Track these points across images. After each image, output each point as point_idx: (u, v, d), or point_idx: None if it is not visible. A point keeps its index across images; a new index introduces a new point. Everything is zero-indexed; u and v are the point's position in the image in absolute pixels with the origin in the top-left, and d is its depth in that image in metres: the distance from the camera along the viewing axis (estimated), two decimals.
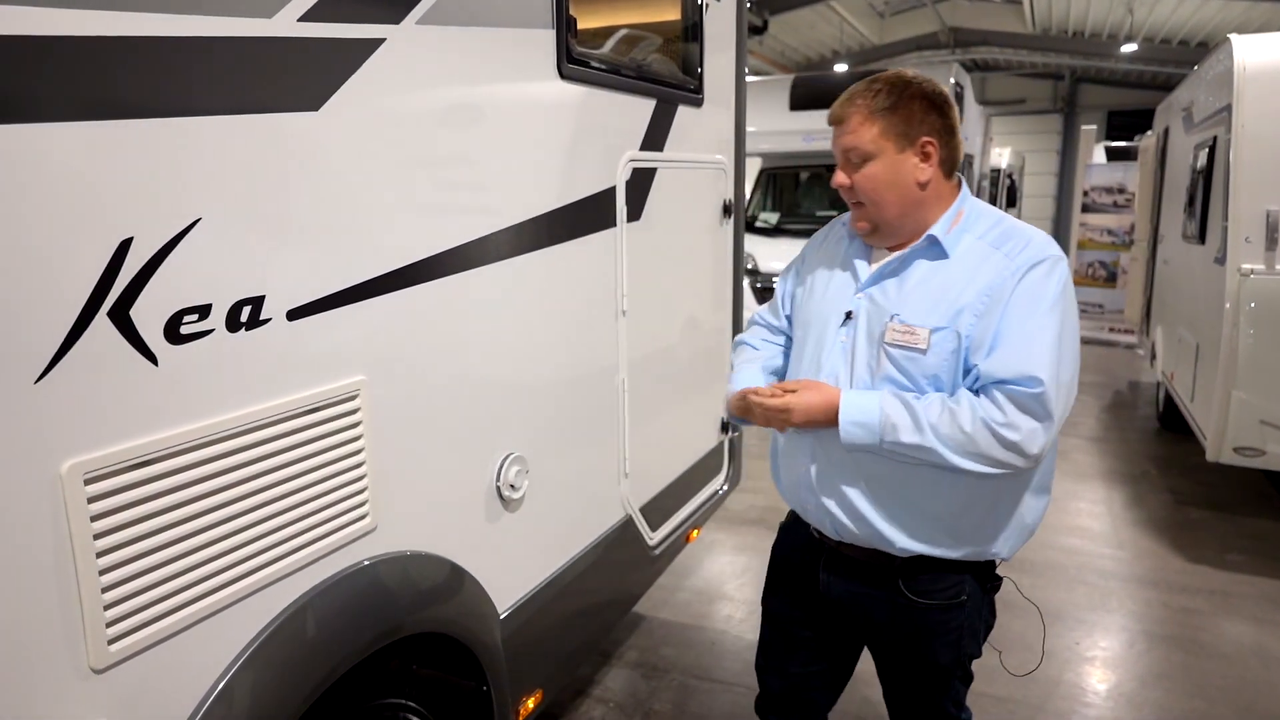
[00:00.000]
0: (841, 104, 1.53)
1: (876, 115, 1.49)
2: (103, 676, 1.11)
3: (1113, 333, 9.61)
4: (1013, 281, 1.43)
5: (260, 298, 1.27)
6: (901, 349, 1.48)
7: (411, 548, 1.66)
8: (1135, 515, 4.66)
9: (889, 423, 1.44)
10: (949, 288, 1.47)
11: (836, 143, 1.54)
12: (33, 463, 1.00)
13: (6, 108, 0.95)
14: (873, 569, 1.61)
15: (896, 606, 1.60)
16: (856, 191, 1.52)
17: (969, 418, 1.40)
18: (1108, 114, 18.41)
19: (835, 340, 1.57)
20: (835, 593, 1.68)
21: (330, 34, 1.35)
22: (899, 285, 1.53)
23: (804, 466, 1.61)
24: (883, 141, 1.49)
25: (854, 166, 1.52)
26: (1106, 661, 3.24)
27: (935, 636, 1.61)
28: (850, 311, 1.57)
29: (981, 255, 1.48)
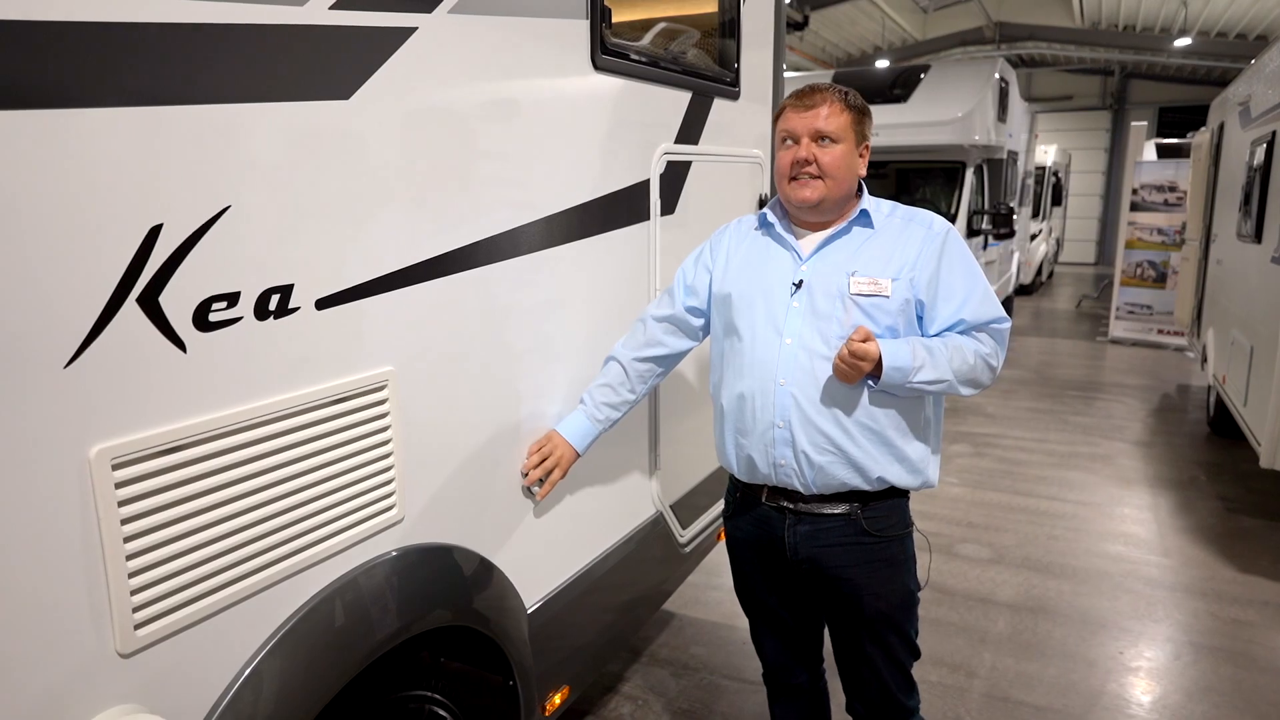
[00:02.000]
0: (816, 92, 1.77)
1: (848, 110, 1.77)
2: (129, 661, 1.12)
3: (1161, 335, 9.36)
4: (939, 244, 1.77)
5: (289, 286, 1.27)
6: (868, 297, 1.73)
7: (438, 540, 1.66)
8: (1183, 522, 4.52)
9: (917, 364, 1.68)
10: (887, 249, 1.77)
11: (807, 122, 1.74)
12: (62, 447, 1.01)
13: (41, 93, 0.95)
14: (837, 518, 1.81)
15: (862, 547, 1.82)
16: (820, 166, 1.73)
17: (970, 353, 1.75)
18: (1159, 110, 17.90)
19: (788, 307, 1.77)
20: (803, 552, 1.84)
21: (362, 22, 1.35)
22: (843, 250, 1.78)
23: (775, 426, 1.77)
24: (847, 132, 1.76)
25: (821, 146, 1.74)
26: (1151, 672, 3.14)
27: (894, 567, 1.84)
28: (800, 281, 1.77)
29: (900, 228, 1.80)
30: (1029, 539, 4.31)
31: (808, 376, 1.74)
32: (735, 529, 2.00)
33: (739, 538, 1.99)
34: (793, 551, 1.85)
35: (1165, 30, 14.28)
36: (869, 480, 1.78)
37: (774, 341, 1.77)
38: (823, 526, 1.82)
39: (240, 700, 1.26)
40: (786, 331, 1.76)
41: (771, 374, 1.76)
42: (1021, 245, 11.49)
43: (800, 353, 1.74)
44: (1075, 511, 4.68)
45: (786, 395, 1.75)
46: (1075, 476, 5.23)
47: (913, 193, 8.45)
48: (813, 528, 1.82)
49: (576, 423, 1.95)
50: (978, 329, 1.78)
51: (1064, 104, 18.70)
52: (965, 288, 1.77)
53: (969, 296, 1.77)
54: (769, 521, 1.88)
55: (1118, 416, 6.52)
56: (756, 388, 1.79)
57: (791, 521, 1.84)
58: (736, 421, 1.84)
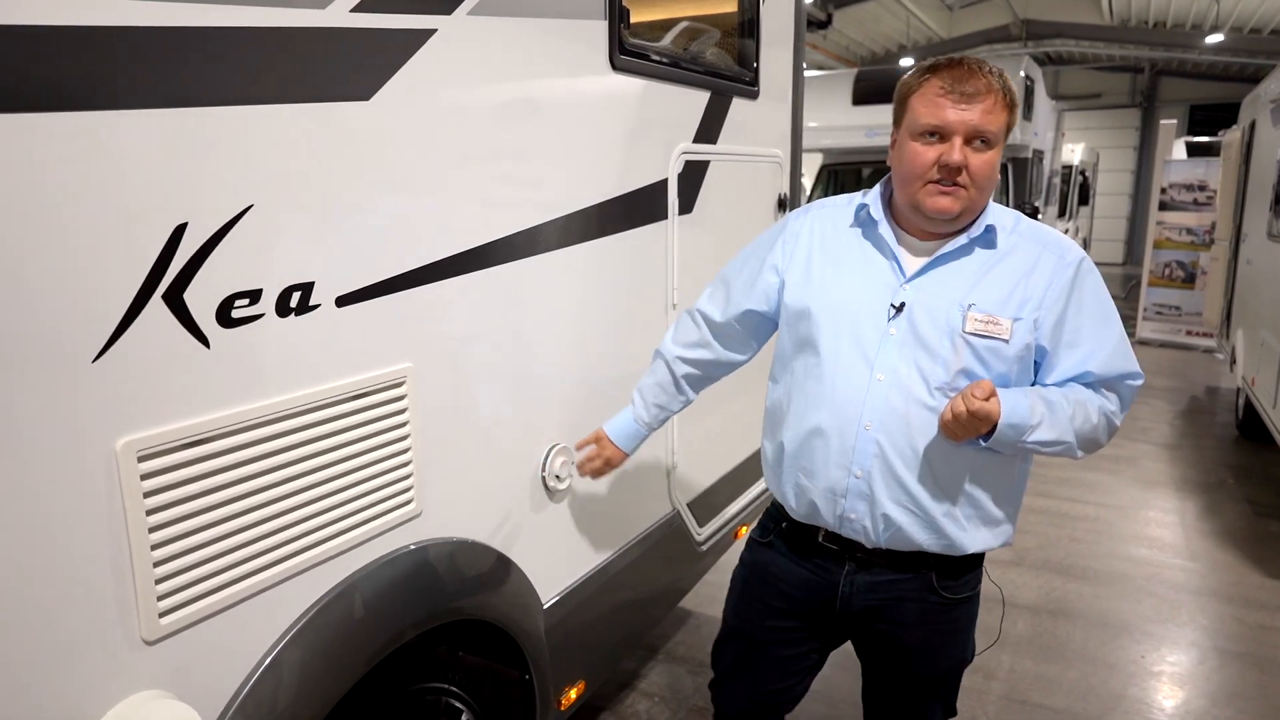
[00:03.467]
0: (977, 76, 1.40)
1: (1008, 106, 1.43)
2: (154, 648, 1.15)
3: (1190, 336, 9.21)
4: (1069, 278, 1.47)
5: (310, 284, 1.30)
6: (985, 339, 1.44)
7: (456, 535, 1.68)
8: (1210, 526, 4.46)
9: (1035, 422, 1.42)
10: (1011, 279, 1.47)
11: (966, 118, 1.39)
12: (89, 439, 1.04)
13: (71, 96, 0.98)
14: (906, 573, 1.56)
15: (928, 606, 1.58)
16: (969, 174, 1.41)
17: (1095, 410, 1.48)
18: (1189, 108, 17.60)
19: (883, 333, 1.48)
20: (857, 604, 1.60)
21: (382, 24, 1.37)
22: (959, 274, 1.48)
23: (852, 475, 1.50)
24: (1002, 134, 1.44)
25: (974, 148, 1.41)
26: (1174, 677, 3.10)
27: (959, 631, 1.63)
28: (902, 304, 1.47)
29: (1027, 253, 1.49)
30: (1050, 541, 4.27)
31: (899, 422, 1.45)
32: (772, 561, 1.70)
33: (773, 571, 1.69)
34: (845, 602, 1.60)
35: (1196, 26, 14.04)
36: (952, 548, 1.52)
37: (862, 374, 1.48)
38: (886, 579, 1.57)
39: (261, 689, 1.29)
40: (879, 365, 1.47)
41: (855, 413, 1.48)
42: None
43: (893, 393, 1.45)
44: (1098, 514, 4.63)
45: (870, 441, 1.47)
46: (1098, 478, 5.17)
47: None
48: (875, 579, 1.57)
49: (624, 425, 1.81)
50: (1106, 384, 1.51)
51: (1092, 102, 18.45)
52: (1096, 335, 1.48)
53: (1100, 345, 1.48)
54: (823, 565, 1.61)
55: (1143, 418, 6.43)
56: (833, 426, 1.50)
57: (852, 569, 1.59)
58: (802, 460, 1.56)
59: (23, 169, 0.94)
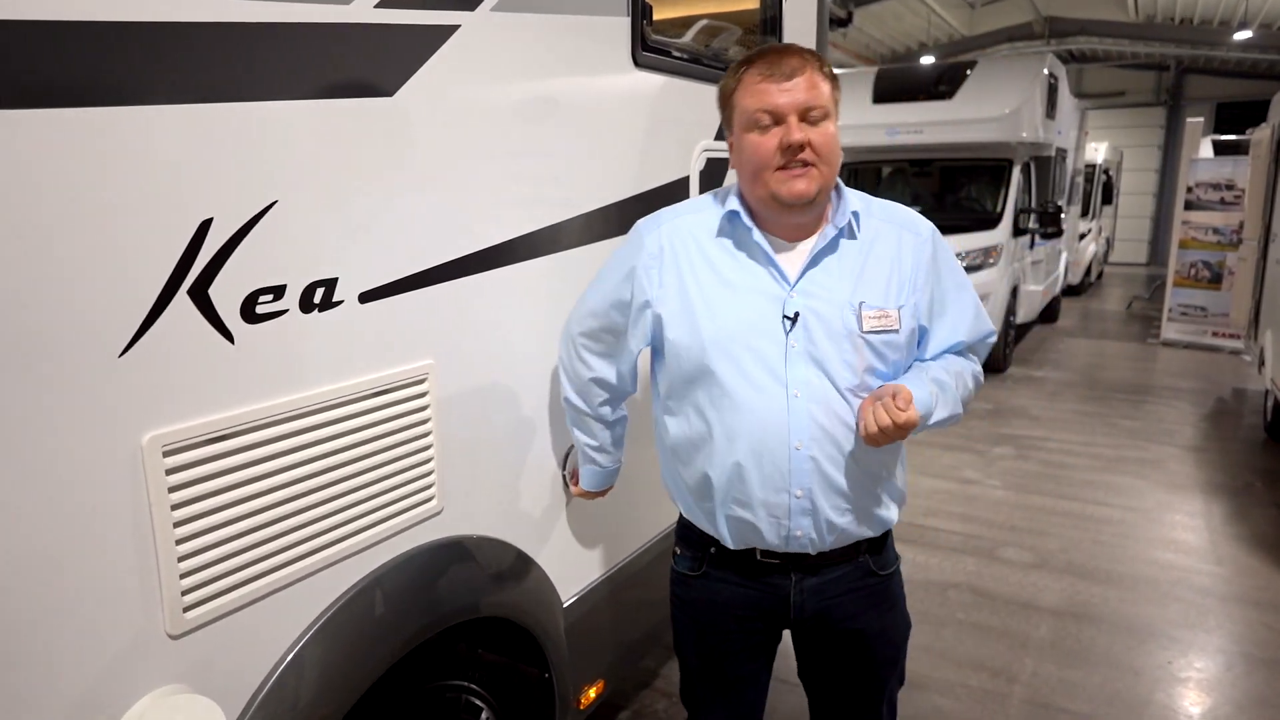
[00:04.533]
0: (790, 55, 1.41)
1: (828, 77, 1.43)
2: (178, 642, 1.15)
3: (1216, 337, 9.07)
4: (929, 251, 1.52)
5: (333, 280, 1.30)
6: (880, 334, 1.44)
7: (477, 532, 1.68)
8: (1237, 530, 4.39)
9: (934, 406, 1.46)
10: (885, 266, 1.48)
11: (792, 96, 1.38)
12: (115, 434, 1.05)
13: (97, 91, 0.98)
14: (847, 565, 1.58)
15: (868, 589, 1.61)
16: (814, 150, 1.39)
17: (970, 377, 1.57)
18: (1216, 106, 17.33)
19: (785, 347, 1.42)
20: (809, 609, 1.58)
21: (405, 20, 1.37)
22: (838, 270, 1.46)
23: (792, 496, 1.46)
24: (832, 104, 1.43)
25: (811, 124, 1.40)
26: (1201, 684, 3.05)
27: (898, 602, 1.67)
28: (796, 314, 1.42)
29: (888, 232, 1.51)
30: (1073, 544, 4.22)
31: (826, 436, 1.43)
32: (710, 593, 1.62)
33: (718, 602, 1.62)
34: (798, 610, 1.58)
35: (1224, 23, 13.83)
36: (880, 528, 1.57)
37: (778, 395, 1.42)
38: (831, 577, 1.57)
39: (283, 685, 1.29)
40: (791, 381, 1.42)
41: (781, 436, 1.42)
42: (1070, 245, 11.24)
43: (814, 408, 1.42)
44: (1122, 517, 4.57)
45: (805, 459, 1.43)
46: (1123, 481, 5.11)
47: (957, 191, 8.32)
48: (821, 580, 1.57)
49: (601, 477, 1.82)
50: (970, 348, 1.59)
51: (1116, 100, 18.22)
52: (959, 302, 1.55)
53: (963, 312, 1.55)
54: (768, 583, 1.57)
55: (1169, 420, 6.34)
56: (763, 453, 1.43)
57: (799, 578, 1.56)
58: (733, 493, 1.49)
59: (50, 164, 0.95)
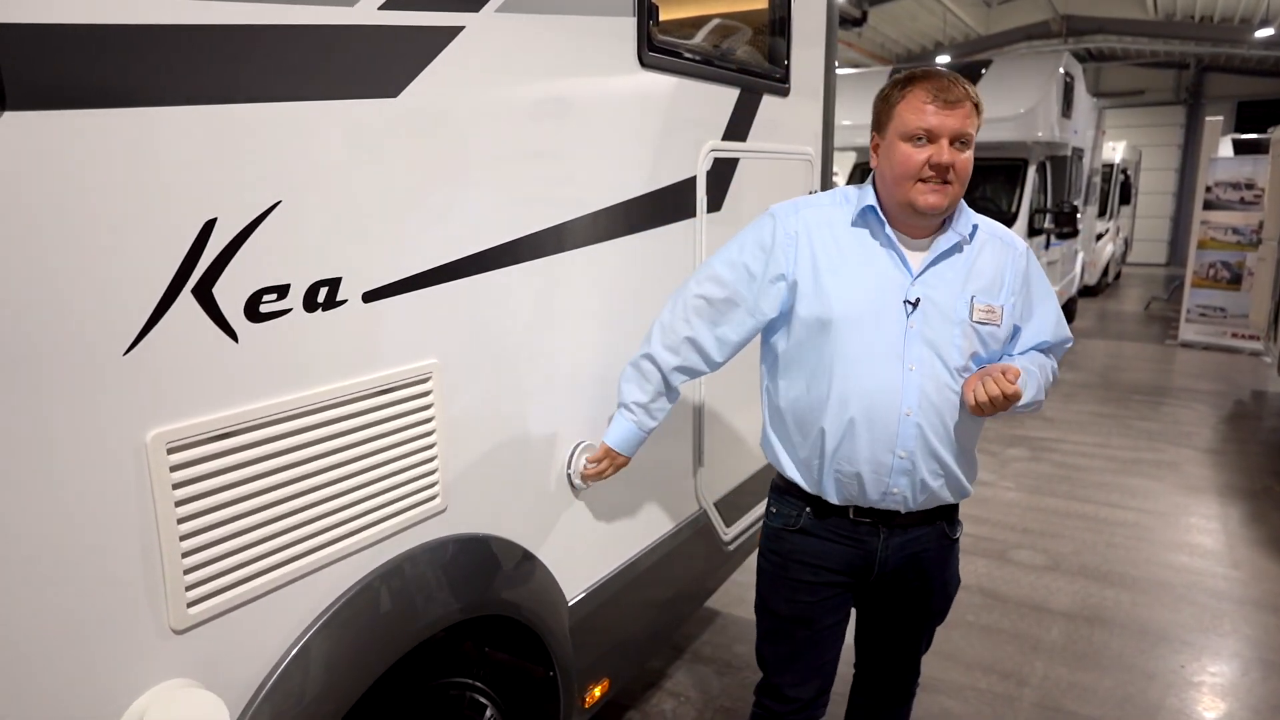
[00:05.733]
0: (956, 85, 1.60)
1: (978, 110, 1.64)
2: (182, 637, 1.17)
3: (1235, 338, 8.97)
4: (1024, 263, 1.77)
5: (337, 279, 1.31)
6: (986, 325, 1.69)
7: (480, 530, 1.68)
8: (1254, 534, 4.33)
9: (1028, 384, 1.68)
10: (992, 271, 1.72)
11: (951, 123, 1.58)
12: (119, 431, 1.06)
13: (102, 93, 1.00)
14: (928, 526, 1.80)
15: (943, 547, 1.85)
16: (955, 172, 1.61)
17: (1050, 371, 1.82)
18: (1237, 105, 17.11)
19: (905, 328, 1.66)
20: (891, 564, 1.80)
21: (410, 22, 1.38)
22: (955, 269, 1.69)
23: (896, 456, 1.69)
24: (974, 134, 1.64)
25: (956, 148, 1.61)
26: (1216, 688, 3.02)
27: (956, 562, 1.92)
28: (917, 299, 1.66)
29: (991, 244, 1.74)
30: (1087, 546, 4.19)
31: (933, 407, 1.66)
32: (806, 545, 1.81)
33: (809, 555, 1.81)
34: (882, 565, 1.79)
35: (1245, 20, 13.66)
36: (960, 496, 1.80)
37: (895, 367, 1.65)
38: (914, 535, 1.79)
39: (287, 680, 1.30)
40: (908, 357, 1.65)
41: (894, 403, 1.65)
42: (1086, 245, 11.14)
43: (926, 382, 1.65)
44: (1137, 519, 4.53)
45: (912, 425, 1.66)
46: (1138, 483, 5.06)
47: (973, 190, 8.25)
48: (905, 538, 1.78)
49: (630, 434, 1.87)
50: (1051, 348, 1.85)
51: (1135, 99, 18.04)
52: (1046, 308, 1.82)
53: (1047, 317, 1.81)
54: (859, 538, 1.78)
55: (1186, 422, 6.28)
56: (875, 416, 1.66)
57: (887, 535, 1.77)
58: (843, 450, 1.70)
59: (56, 165, 0.96)
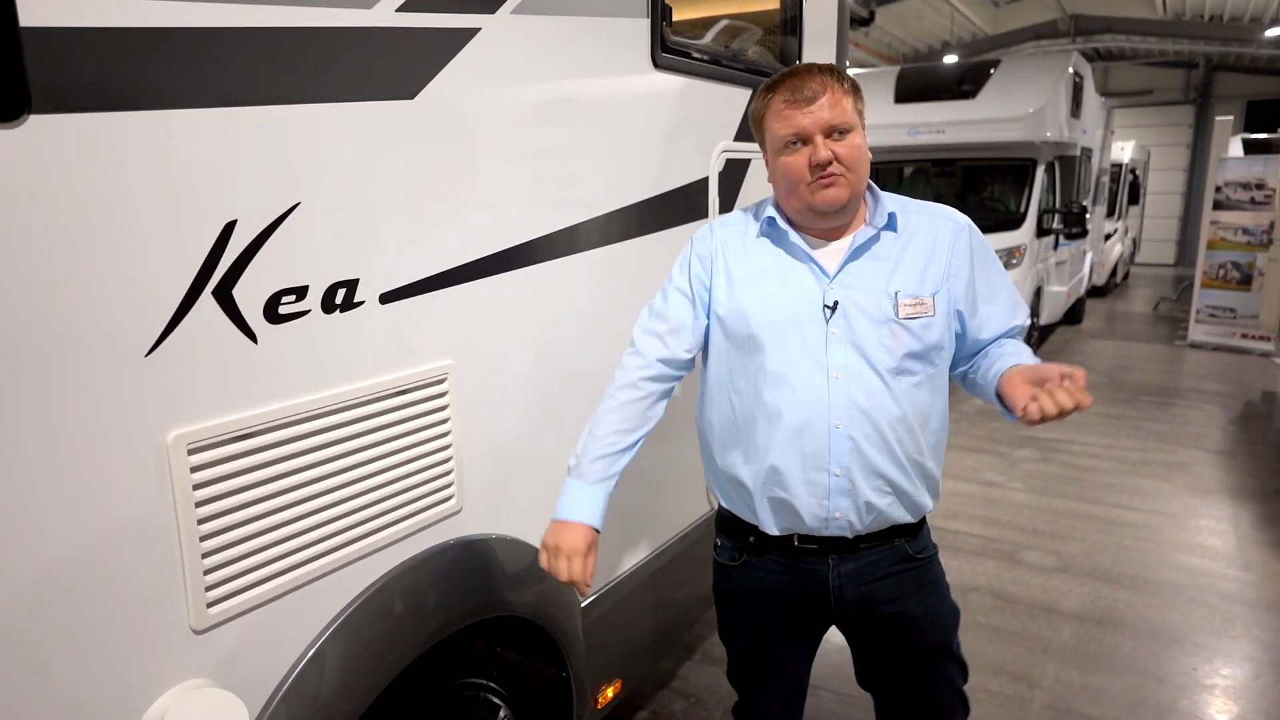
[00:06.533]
0: (811, 78, 1.52)
1: (847, 92, 1.54)
2: (202, 637, 1.17)
3: (1245, 339, 8.92)
4: (965, 238, 1.61)
5: (354, 281, 1.31)
6: (917, 319, 1.55)
7: (496, 531, 1.69)
8: (1266, 536, 4.31)
9: None
10: (920, 257, 1.58)
11: (815, 118, 1.50)
12: (141, 432, 1.07)
13: (124, 96, 1.00)
14: (884, 550, 1.65)
15: (908, 572, 1.67)
16: (841, 162, 1.51)
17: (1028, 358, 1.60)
18: (1247, 104, 17.05)
19: (826, 334, 1.55)
20: (849, 594, 1.65)
21: (427, 24, 1.38)
22: (875, 263, 1.58)
23: (831, 475, 1.55)
24: (855, 116, 1.54)
25: (835, 141, 1.52)
26: (1228, 691, 3.00)
27: (940, 584, 1.73)
28: (835, 303, 1.54)
29: (925, 228, 1.61)
30: (1097, 548, 4.17)
31: (863, 416, 1.53)
32: (753, 580, 1.71)
33: (759, 588, 1.71)
34: (838, 595, 1.65)
35: (1255, 19, 13.61)
36: (916, 513, 1.65)
37: (819, 377, 1.53)
38: (868, 561, 1.64)
39: (304, 680, 1.31)
40: (832, 364, 1.53)
41: (823, 416, 1.53)
42: (1095, 245, 11.11)
43: (854, 389, 1.53)
44: (1147, 521, 4.51)
45: (843, 438, 1.54)
46: (1148, 485, 5.04)
47: (980, 192, 8.25)
48: (859, 564, 1.64)
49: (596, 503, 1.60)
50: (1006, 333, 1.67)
51: (1143, 99, 17.98)
52: (1002, 287, 1.65)
53: (1000, 297, 1.65)
54: (806, 568, 1.65)
55: (1196, 424, 6.25)
56: (804, 431, 1.54)
57: (836, 561, 1.64)
58: (773, 473, 1.59)
59: (79, 167, 0.97)
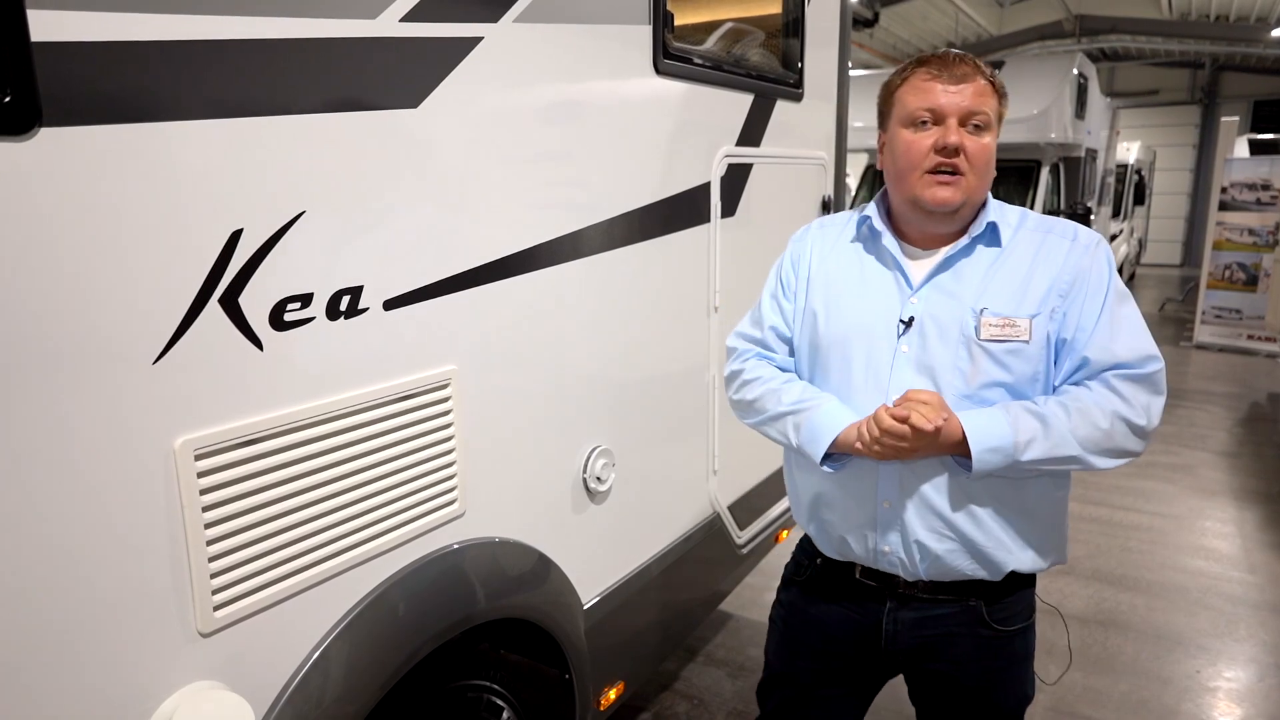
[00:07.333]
0: (962, 63, 1.37)
1: (997, 91, 1.41)
2: (209, 640, 1.19)
3: (1251, 340, 8.90)
4: (1087, 261, 1.40)
5: (359, 288, 1.33)
6: (1003, 343, 1.36)
7: (498, 534, 1.70)
8: (1271, 538, 4.31)
9: (1022, 440, 1.31)
10: (1022, 275, 1.40)
11: (957, 100, 1.35)
12: (149, 438, 1.08)
13: (132, 109, 1.02)
14: (952, 606, 1.47)
15: (980, 640, 1.48)
16: (967, 158, 1.36)
17: (1102, 412, 1.33)
18: (1253, 104, 16.98)
19: (894, 352, 1.41)
20: (903, 642, 1.50)
21: (430, 33, 1.40)
22: (966, 277, 1.41)
23: (876, 504, 1.43)
24: (995, 119, 1.40)
25: (969, 131, 1.37)
26: (1231, 694, 3.00)
27: (1016, 666, 1.53)
28: (911, 318, 1.41)
29: (1035, 240, 1.43)
30: (1101, 550, 4.17)
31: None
32: (807, 602, 1.60)
33: (811, 612, 1.59)
34: (890, 641, 1.50)
35: (1261, 19, 13.56)
36: (996, 573, 1.43)
37: (876, 400, 1.39)
38: (932, 614, 1.47)
39: (309, 682, 1.32)
40: (893, 387, 1.40)
41: None
42: None
43: None
44: (1151, 523, 4.51)
45: (893, 469, 1.40)
46: (1153, 487, 5.03)
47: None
48: (919, 615, 1.48)
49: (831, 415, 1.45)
50: (1113, 373, 1.36)
51: (1149, 99, 17.93)
52: (1116, 317, 1.38)
53: (1097, 326, 1.37)
54: (862, 604, 1.51)
55: (1201, 425, 6.24)
56: (853, 458, 1.41)
57: (893, 606, 1.49)
58: (825, 495, 1.49)
59: (88, 178, 0.98)
